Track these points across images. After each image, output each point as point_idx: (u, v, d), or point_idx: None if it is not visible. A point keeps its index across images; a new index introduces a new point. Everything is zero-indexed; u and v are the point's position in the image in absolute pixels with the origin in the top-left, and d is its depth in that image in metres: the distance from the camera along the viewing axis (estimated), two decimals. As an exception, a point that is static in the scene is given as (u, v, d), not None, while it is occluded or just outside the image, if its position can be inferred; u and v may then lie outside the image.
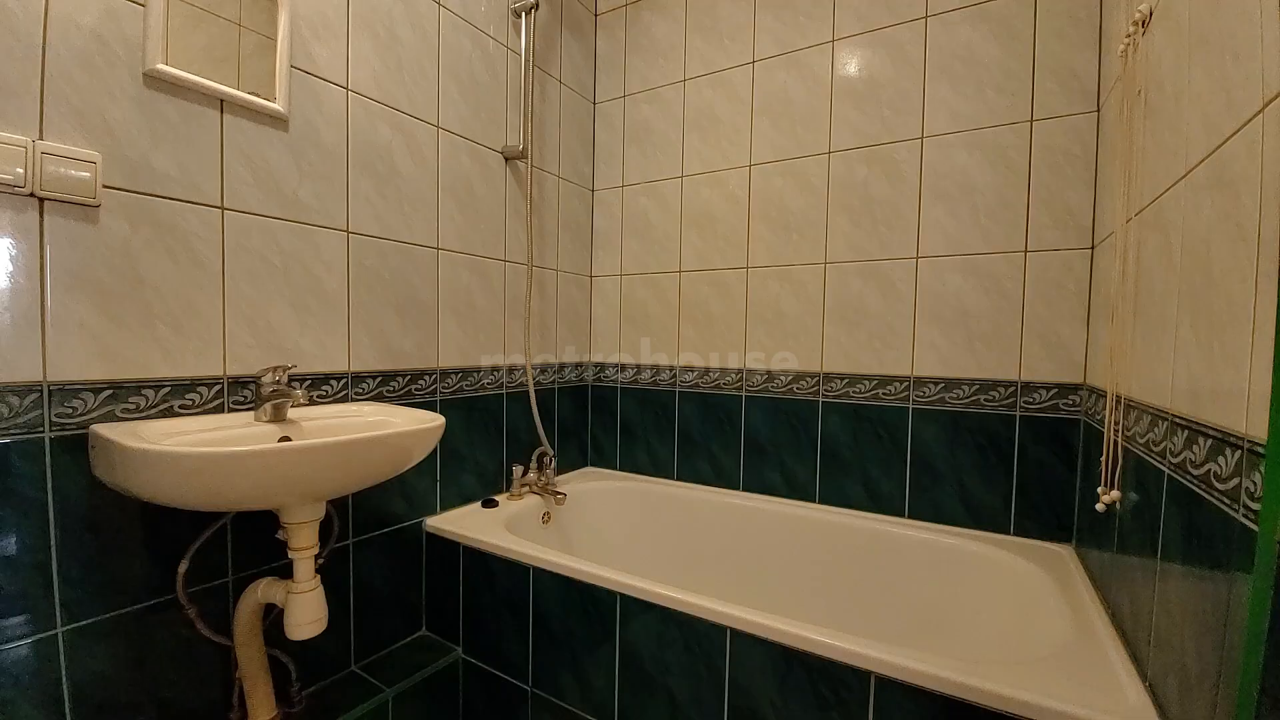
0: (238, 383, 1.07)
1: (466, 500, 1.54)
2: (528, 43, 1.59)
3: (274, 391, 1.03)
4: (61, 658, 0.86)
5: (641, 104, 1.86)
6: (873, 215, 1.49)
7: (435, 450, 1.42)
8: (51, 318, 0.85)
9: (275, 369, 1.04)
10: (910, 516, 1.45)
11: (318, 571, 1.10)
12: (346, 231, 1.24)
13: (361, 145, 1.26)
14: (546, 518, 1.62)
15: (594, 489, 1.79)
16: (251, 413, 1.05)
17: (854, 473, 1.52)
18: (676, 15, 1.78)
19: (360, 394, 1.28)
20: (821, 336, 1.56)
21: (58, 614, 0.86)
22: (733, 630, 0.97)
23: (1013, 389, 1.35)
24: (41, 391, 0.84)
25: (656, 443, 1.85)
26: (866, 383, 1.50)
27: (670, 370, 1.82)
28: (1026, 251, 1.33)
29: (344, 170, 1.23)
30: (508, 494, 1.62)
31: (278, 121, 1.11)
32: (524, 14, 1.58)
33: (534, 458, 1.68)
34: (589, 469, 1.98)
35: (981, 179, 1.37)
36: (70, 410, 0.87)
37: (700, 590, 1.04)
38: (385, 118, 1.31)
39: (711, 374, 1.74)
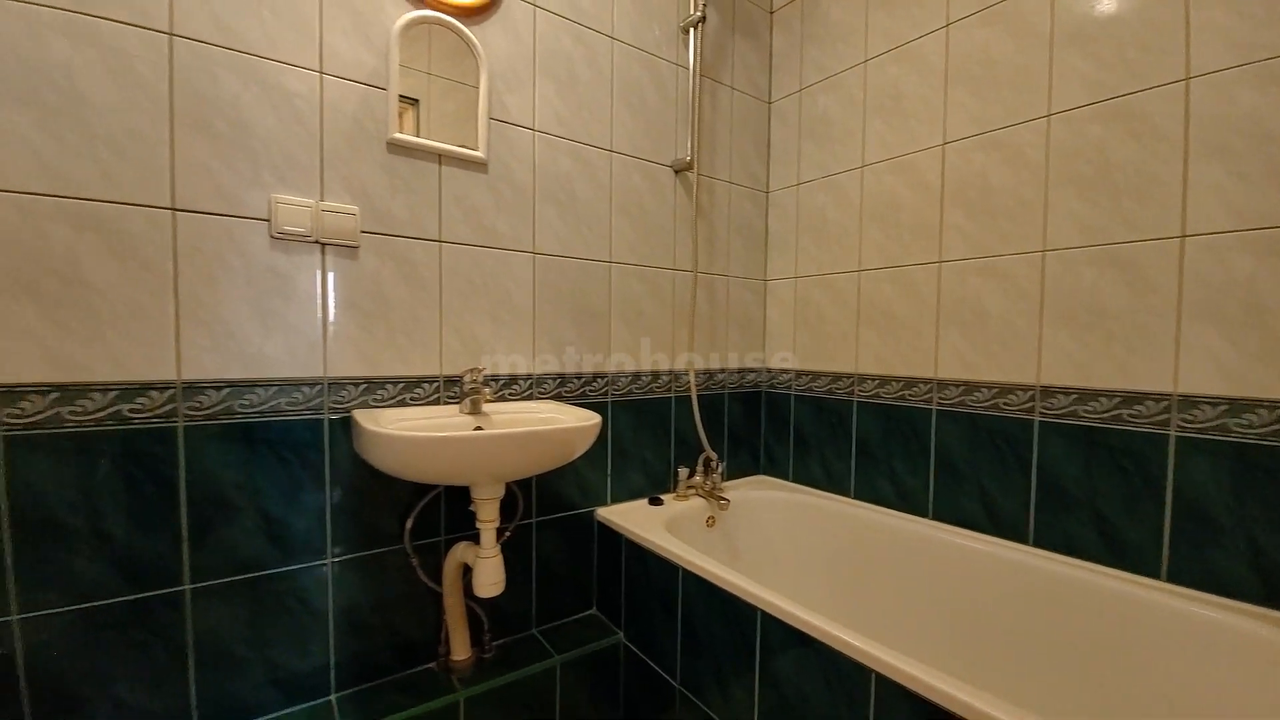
0: (450, 381, 1.32)
1: (634, 496, 1.64)
2: (695, 56, 1.63)
3: (470, 389, 1.25)
4: (330, 583, 1.18)
5: (819, 95, 1.75)
6: (1113, 186, 1.17)
7: (606, 447, 1.56)
8: (329, 331, 1.17)
9: (472, 370, 1.26)
10: (1169, 580, 1.10)
11: (504, 544, 1.31)
12: (533, 253, 1.43)
13: (545, 177, 1.45)
14: (711, 521, 1.64)
15: (761, 498, 1.74)
16: (457, 405, 1.29)
17: (1080, 511, 1.21)
18: (858, -8, 1.64)
19: (542, 393, 1.46)
20: (1038, 340, 1.28)
21: (329, 549, 1.17)
22: (878, 675, 0.86)
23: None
24: (322, 385, 1.16)
25: (832, 455, 1.72)
26: (1104, 400, 1.18)
27: (848, 378, 1.67)
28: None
29: (531, 200, 1.43)
30: (674, 494, 1.68)
31: (480, 166, 1.34)
32: (692, 29, 1.63)
33: (700, 461, 1.71)
34: (760, 477, 1.94)
35: (1296, 120, 0.97)
36: (339, 399, 1.18)
37: (864, 625, 0.95)
38: (565, 150, 1.48)
39: (894, 383, 1.55)
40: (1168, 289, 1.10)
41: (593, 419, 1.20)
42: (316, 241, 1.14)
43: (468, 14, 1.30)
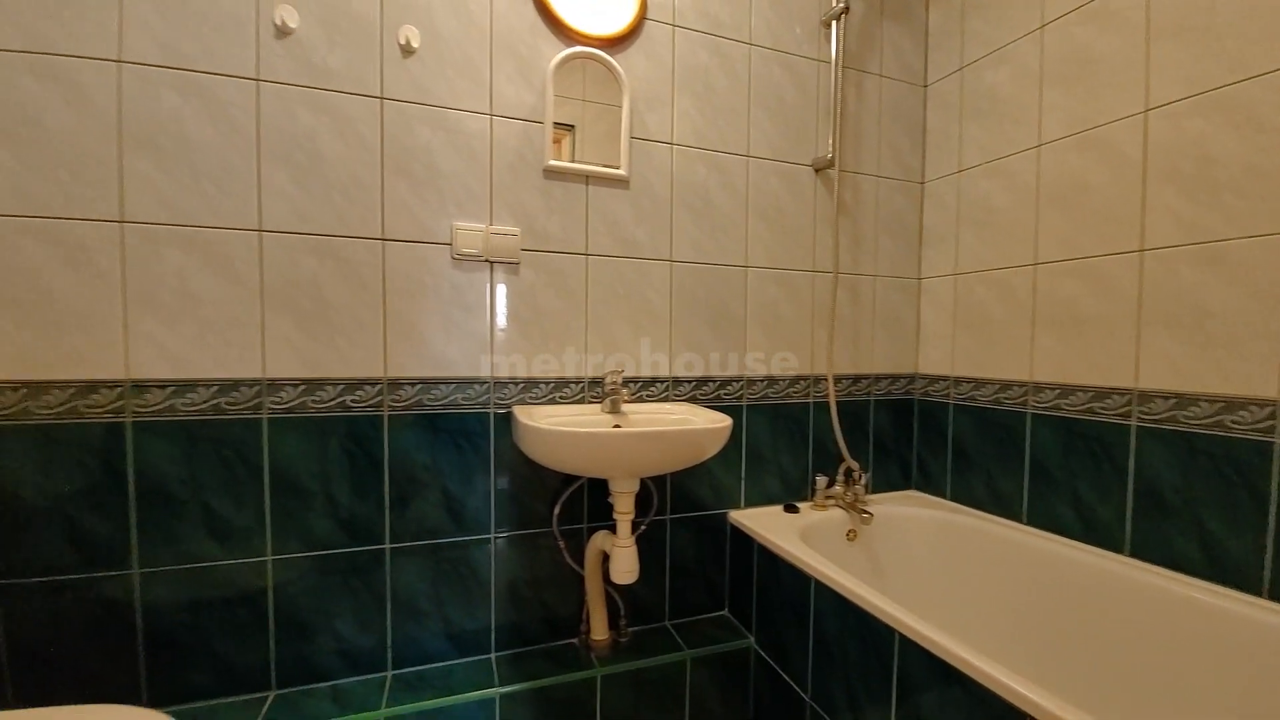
0: (594, 382, 1.44)
1: (769, 501, 1.62)
2: (838, 49, 1.57)
3: (611, 389, 1.35)
4: (493, 556, 1.35)
5: (984, 71, 1.57)
6: None
7: (740, 450, 1.57)
8: (495, 338, 1.34)
9: (612, 372, 1.36)
10: None
11: (639, 536, 1.39)
12: (670, 261, 1.50)
13: (682, 187, 1.50)
14: (852, 535, 1.56)
15: (912, 515, 1.61)
16: (599, 405, 1.40)
17: (1361, 566, 0.93)
18: (1036, -51, 1.45)
19: (679, 395, 1.52)
20: (1289, 344, 1.01)
21: (492, 526, 1.35)
22: None
23: None
24: (489, 383, 1.34)
25: (999, 473, 1.52)
26: (1396, 421, 0.90)
27: (1019, 386, 1.47)
28: None
29: (668, 211, 1.49)
30: (811, 503, 1.63)
31: (621, 183, 1.44)
32: (834, 21, 1.57)
33: (841, 470, 1.63)
34: (912, 492, 1.79)
35: None
36: (502, 396, 1.35)
37: (1026, 669, 0.85)
38: (701, 159, 1.52)
39: (1079, 393, 1.33)
40: None
41: (723, 421, 1.23)
42: (486, 260, 1.33)
43: (611, 44, 1.41)
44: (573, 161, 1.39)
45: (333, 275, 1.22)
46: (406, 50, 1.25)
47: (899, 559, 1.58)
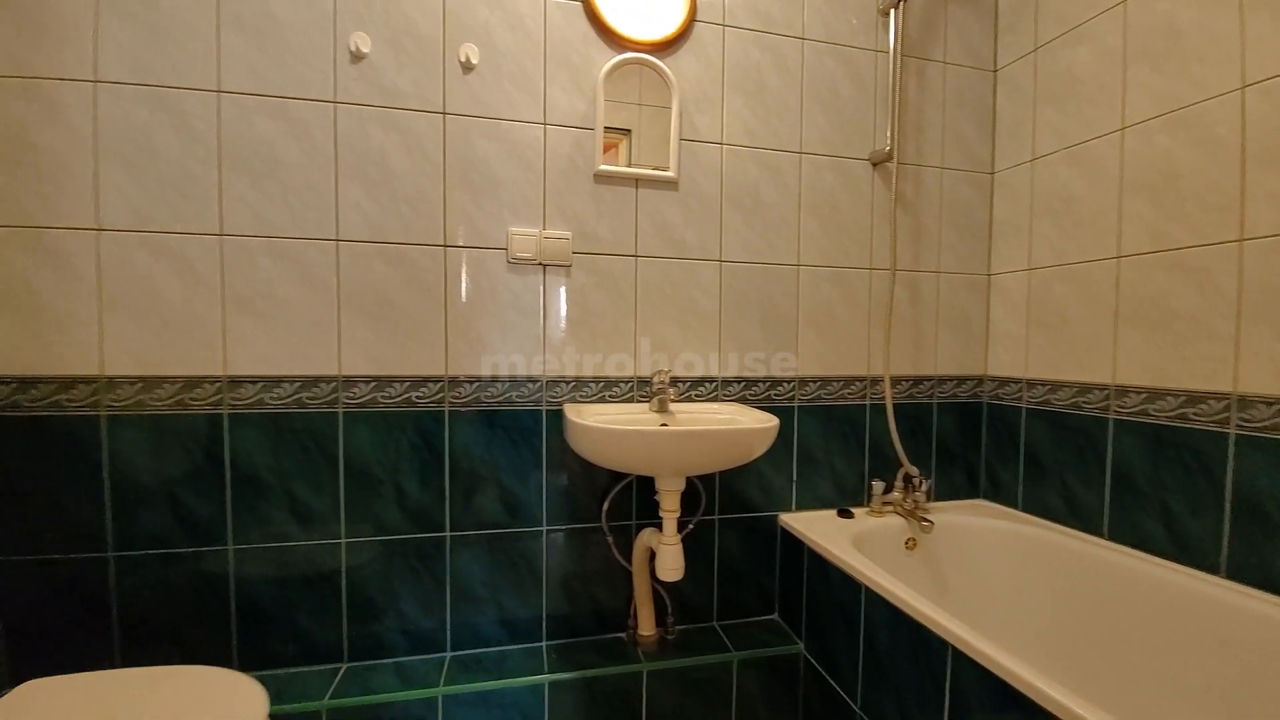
0: (642, 381, 1.46)
1: (822, 505, 1.58)
2: (897, 38, 1.51)
3: (658, 388, 1.37)
4: (544, 548, 1.40)
5: (1060, 51, 1.47)
6: None
7: (791, 452, 1.55)
8: (547, 339, 1.40)
9: (659, 372, 1.37)
10: None
11: (686, 536, 1.40)
12: (719, 261, 1.50)
13: (732, 186, 1.50)
14: (911, 544, 1.49)
15: (977, 525, 1.52)
16: (648, 404, 1.42)
17: None
18: (1120, -84, 1.33)
19: (727, 395, 1.51)
20: None
21: (544, 520, 1.40)
22: (1103, 746, 0.71)
23: None
24: (541, 382, 1.39)
25: (1077, 484, 1.41)
26: None
27: (1100, 389, 1.36)
28: None
29: (718, 211, 1.49)
30: (867, 509, 1.58)
31: (671, 184, 1.46)
32: (893, 9, 1.51)
33: (899, 476, 1.56)
34: (980, 502, 1.69)
35: None
36: (554, 394, 1.40)
37: (1103, 699, 0.80)
38: (752, 158, 1.51)
39: (1169, 397, 1.22)
40: None
41: (769, 421, 1.22)
42: (539, 263, 1.38)
43: (660, 48, 1.43)
44: (630, 165, 1.42)
45: (399, 280, 1.31)
46: (466, 67, 1.33)
47: (963, 571, 1.50)
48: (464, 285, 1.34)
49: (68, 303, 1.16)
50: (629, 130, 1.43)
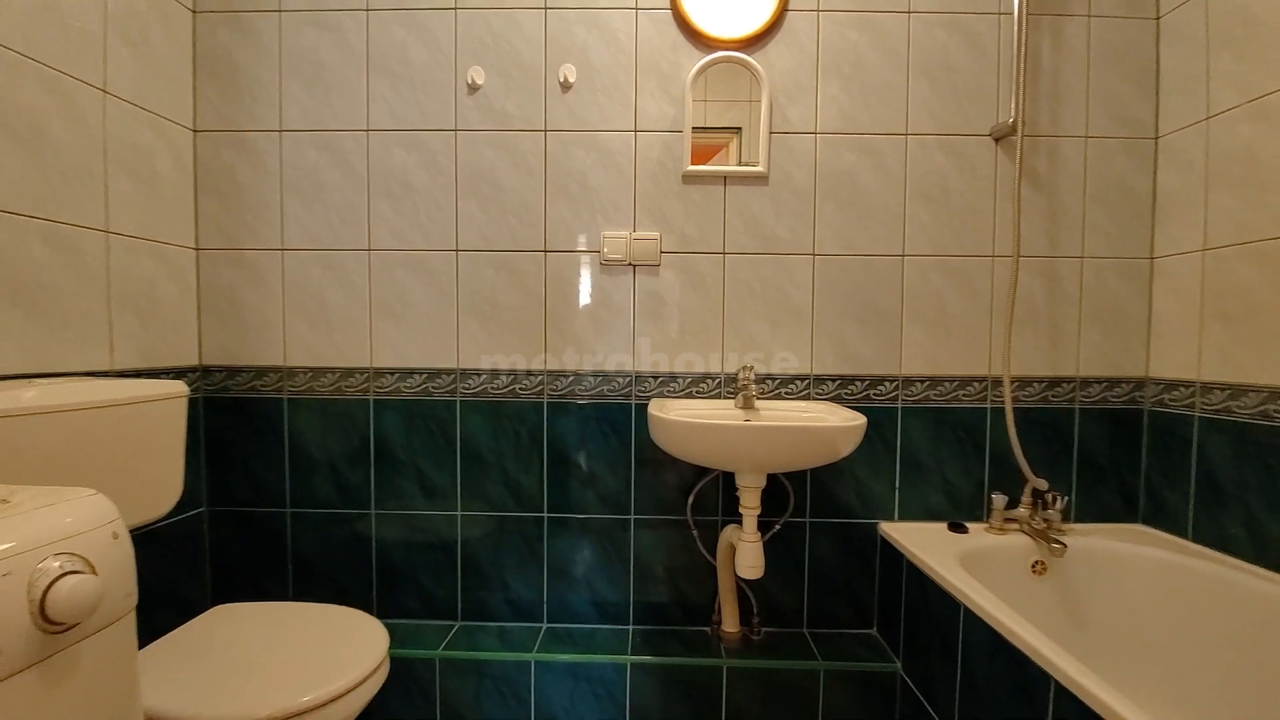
0: (730, 378, 1.46)
1: (930, 516, 1.45)
2: (1023, -4, 1.34)
3: (743, 384, 1.37)
4: (632, 537, 1.47)
5: (1249, -18, 1.20)
6: None
7: (894, 457, 1.46)
8: (636, 335, 1.46)
9: (744, 369, 1.37)
10: None
11: (774, 538, 1.38)
12: (812, 255, 1.45)
13: (826, 176, 1.44)
14: (1039, 568, 1.32)
15: (1130, 554, 1.29)
16: (734, 400, 1.43)
17: None
18: None
19: (821, 394, 1.46)
20: None
21: (632, 509, 1.47)
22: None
23: None
24: (631, 377, 1.46)
25: (1263, 511, 1.14)
26: None
27: (1303, 396, 1.09)
28: None
29: (810, 203, 1.45)
30: (985, 524, 1.41)
31: (760, 179, 1.45)
32: (1018, -34, 1.35)
33: (1027, 490, 1.38)
34: (1137, 528, 1.42)
35: None
36: (642, 389, 1.46)
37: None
38: (848, 145, 1.44)
39: (1404, 407, 0.94)
40: None
41: (855, 420, 1.16)
42: (630, 264, 1.45)
43: (748, 43, 1.42)
44: (740, 164, 1.44)
45: (506, 283, 1.46)
46: (565, 86, 1.44)
47: (1110, 606, 1.28)
48: (561, 286, 1.46)
49: (262, 307, 1.47)
50: (739, 129, 1.44)
